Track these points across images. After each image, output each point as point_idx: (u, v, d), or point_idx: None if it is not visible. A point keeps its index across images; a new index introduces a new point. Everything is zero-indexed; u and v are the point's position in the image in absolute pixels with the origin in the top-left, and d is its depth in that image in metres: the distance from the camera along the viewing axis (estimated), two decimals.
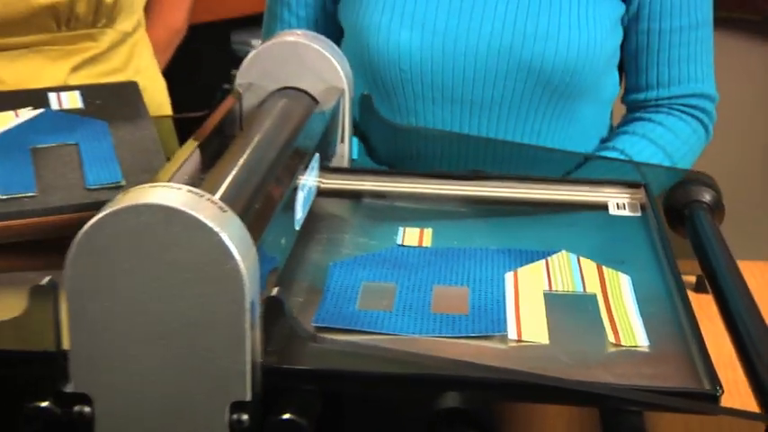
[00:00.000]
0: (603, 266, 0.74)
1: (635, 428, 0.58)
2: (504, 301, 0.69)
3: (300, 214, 0.76)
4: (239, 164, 0.69)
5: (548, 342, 0.65)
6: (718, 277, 0.75)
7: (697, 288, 0.83)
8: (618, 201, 0.87)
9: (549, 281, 0.72)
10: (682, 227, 0.86)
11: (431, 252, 0.76)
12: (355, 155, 0.94)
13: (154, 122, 0.85)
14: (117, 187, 0.77)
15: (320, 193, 0.84)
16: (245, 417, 0.57)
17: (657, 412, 0.60)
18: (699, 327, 0.66)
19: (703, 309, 0.71)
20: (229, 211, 0.57)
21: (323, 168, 0.84)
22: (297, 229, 0.75)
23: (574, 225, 0.84)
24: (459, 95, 1.12)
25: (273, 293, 0.58)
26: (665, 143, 1.19)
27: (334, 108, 0.86)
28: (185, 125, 0.95)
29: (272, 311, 0.58)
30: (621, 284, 0.72)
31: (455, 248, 0.77)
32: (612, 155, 1.17)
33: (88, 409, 0.58)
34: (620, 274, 0.73)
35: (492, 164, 1.07)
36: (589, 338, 0.66)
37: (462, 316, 0.67)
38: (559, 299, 0.70)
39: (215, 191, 0.64)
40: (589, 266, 0.74)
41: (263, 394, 0.58)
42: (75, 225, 0.73)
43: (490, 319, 0.67)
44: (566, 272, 0.74)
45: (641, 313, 0.68)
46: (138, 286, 0.56)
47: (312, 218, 0.79)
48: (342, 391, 0.61)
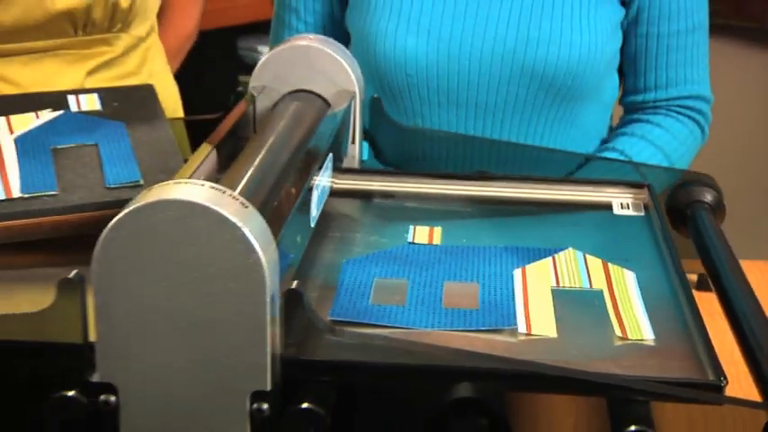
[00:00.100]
0: (609, 263, 0.76)
1: (642, 418, 0.59)
2: (514, 296, 0.70)
3: (315, 212, 0.77)
4: (256, 163, 0.71)
5: (556, 336, 0.66)
6: (721, 275, 0.76)
7: (698, 286, 0.84)
8: (622, 200, 0.89)
9: (557, 277, 0.74)
10: (684, 226, 0.87)
11: (441, 249, 0.78)
12: (364, 156, 0.96)
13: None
14: (136, 186, 0.78)
15: (332, 193, 0.86)
16: (265, 406, 0.59)
17: (662, 403, 0.62)
18: (703, 321, 0.68)
19: (704, 307, 0.72)
20: (251, 207, 0.58)
21: (334, 169, 0.86)
22: (312, 226, 0.76)
23: (579, 224, 0.86)
24: (465, 99, 1.14)
25: (293, 286, 0.59)
26: (663, 144, 1.21)
27: (346, 110, 0.87)
28: (196, 127, 0.97)
29: (292, 304, 0.59)
30: (627, 280, 0.73)
31: (464, 246, 0.78)
32: (612, 156, 1.19)
33: (113, 399, 0.59)
34: (625, 270, 0.75)
35: (496, 165, 1.08)
36: (596, 332, 0.67)
37: (473, 310, 0.68)
38: (567, 294, 0.71)
39: (234, 189, 0.65)
40: (595, 263, 0.76)
41: (282, 384, 0.59)
42: (96, 223, 0.75)
43: (500, 314, 0.68)
44: (572, 268, 0.75)
45: (646, 308, 0.70)
46: (163, 279, 0.57)
47: (324, 217, 0.81)
48: (359, 381, 0.62)
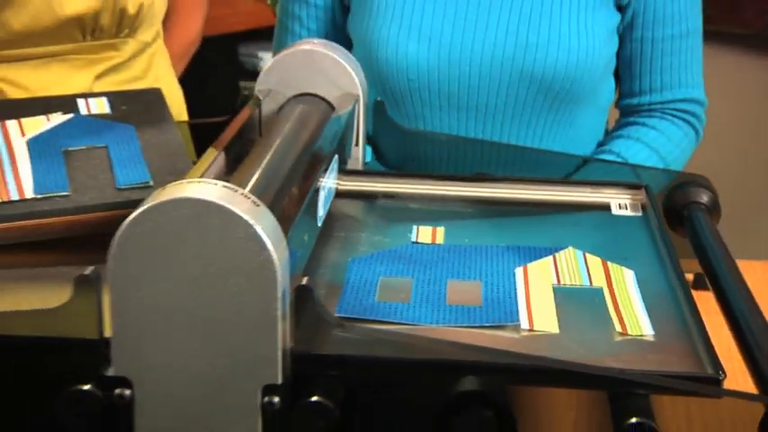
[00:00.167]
0: (608, 262, 0.77)
1: (642, 411, 0.60)
2: (516, 293, 0.72)
3: (322, 212, 0.79)
4: (264, 164, 0.72)
5: (558, 331, 0.67)
6: (719, 273, 0.77)
7: (695, 285, 0.85)
8: (620, 201, 0.90)
9: (558, 275, 0.75)
10: (680, 227, 0.88)
11: (444, 249, 0.79)
12: (367, 158, 0.97)
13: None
14: (146, 187, 0.80)
15: (336, 194, 0.87)
16: (276, 399, 0.59)
17: (661, 397, 0.62)
18: (701, 317, 0.69)
19: (700, 305, 0.72)
20: (262, 206, 0.59)
21: (339, 171, 0.87)
22: (319, 225, 0.78)
23: (578, 224, 0.87)
24: (465, 103, 1.16)
25: (303, 282, 0.61)
26: (658, 146, 1.23)
27: (350, 113, 0.89)
28: (200, 131, 0.99)
29: (302, 300, 0.61)
30: (626, 278, 0.75)
31: (467, 246, 0.79)
32: (609, 158, 1.21)
33: (128, 392, 0.60)
34: (624, 268, 0.76)
35: (496, 166, 1.09)
36: (597, 328, 0.68)
37: (477, 307, 0.70)
38: (567, 292, 0.73)
39: (245, 188, 0.66)
40: (595, 262, 0.77)
41: (293, 378, 0.60)
42: (107, 223, 0.77)
43: (503, 311, 0.69)
44: (573, 267, 0.76)
45: (645, 305, 0.71)
46: (177, 276, 0.58)
47: (329, 217, 0.82)
48: (368, 375, 0.63)
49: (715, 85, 1.30)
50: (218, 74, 2.15)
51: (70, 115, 0.85)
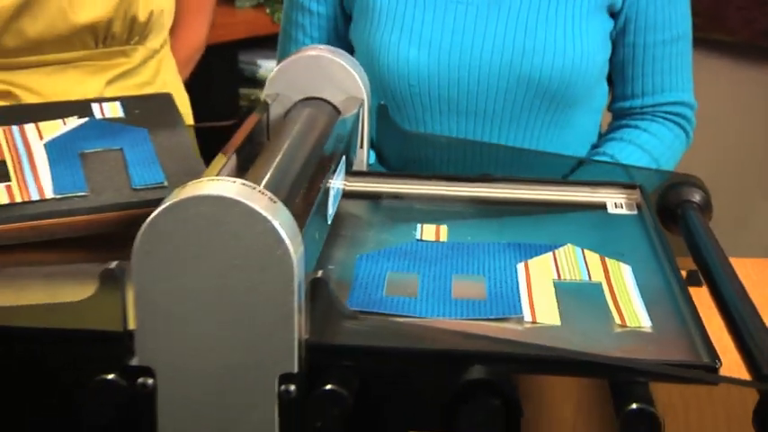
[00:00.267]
0: (606, 258, 0.79)
1: (642, 398, 0.62)
2: (518, 288, 0.74)
3: (331, 211, 0.81)
4: (276, 163, 0.74)
5: (560, 324, 0.69)
6: (712, 269, 0.79)
7: (688, 282, 0.88)
8: (615, 200, 0.92)
9: (558, 271, 0.77)
10: (674, 225, 0.90)
11: (447, 246, 0.81)
12: (370, 160, 1.00)
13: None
14: (160, 187, 0.82)
15: (343, 194, 0.89)
16: (292, 387, 0.61)
17: (659, 385, 0.64)
18: (696, 308, 0.71)
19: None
20: (279, 202, 0.61)
21: (345, 172, 0.90)
22: (329, 224, 0.80)
23: (576, 223, 0.89)
24: (465, 107, 1.18)
25: (318, 275, 0.63)
26: (650, 147, 1.25)
27: (355, 116, 0.91)
28: (205, 135, 1.01)
29: (317, 292, 0.63)
30: (623, 273, 0.77)
31: (469, 243, 0.82)
32: (604, 159, 1.23)
33: (151, 381, 0.62)
34: (621, 264, 0.78)
35: (495, 168, 1.10)
36: (597, 320, 0.70)
37: (481, 301, 0.72)
38: (568, 286, 0.74)
39: (260, 185, 0.69)
40: (593, 258, 0.79)
41: (308, 368, 0.62)
42: (124, 222, 0.79)
43: (507, 304, 0.71)
44: (572, 262, 0.78)
45: (642, 298, 0.73)
46: (198, 270, 0.60)
47: (336, 217, 0.84)
48: (380, 365, 0.65)
49: (700, 90, 1.33)
50: (218, 81, 2.17)
51: (85, 119, 0.87)
